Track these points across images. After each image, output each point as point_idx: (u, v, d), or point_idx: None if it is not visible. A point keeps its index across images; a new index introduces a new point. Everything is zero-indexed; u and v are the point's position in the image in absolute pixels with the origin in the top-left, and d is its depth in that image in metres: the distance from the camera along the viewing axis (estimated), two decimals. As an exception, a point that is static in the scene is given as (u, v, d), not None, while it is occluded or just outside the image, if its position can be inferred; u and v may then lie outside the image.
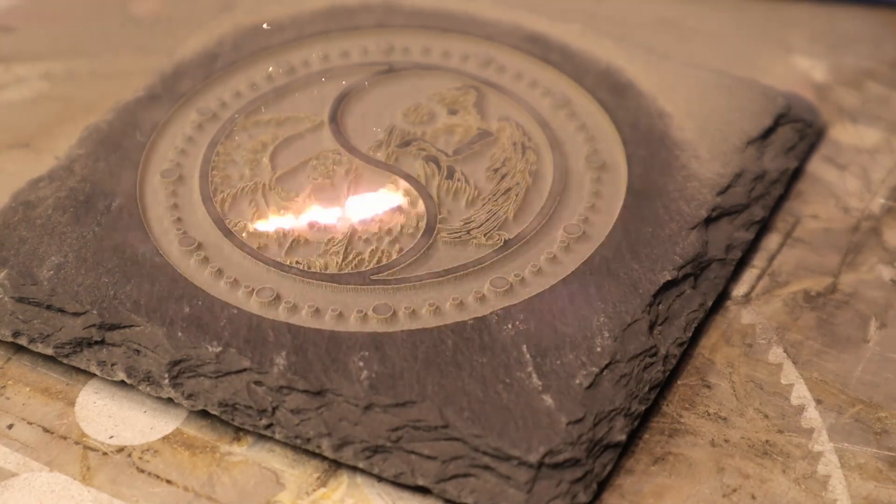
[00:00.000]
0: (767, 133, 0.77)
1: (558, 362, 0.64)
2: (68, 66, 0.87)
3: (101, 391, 0.68)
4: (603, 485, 0.63)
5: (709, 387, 0.68)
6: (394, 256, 0.69)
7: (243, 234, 0.70)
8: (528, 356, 0.64)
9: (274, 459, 0.65)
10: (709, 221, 0.72)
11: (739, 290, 0.72)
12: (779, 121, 0.78)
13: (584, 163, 0.74)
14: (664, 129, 0.76)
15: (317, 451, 0.64)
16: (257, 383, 0.64)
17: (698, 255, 0.70)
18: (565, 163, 0.74)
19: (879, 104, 0.84)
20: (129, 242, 0.69)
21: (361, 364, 0.64)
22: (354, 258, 0.69)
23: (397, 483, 0.63)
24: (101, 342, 0.67)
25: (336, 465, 0.65)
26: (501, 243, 0.70)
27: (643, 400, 0.65)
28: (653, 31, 0.90)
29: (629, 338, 0.66)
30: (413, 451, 0.62)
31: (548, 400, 0.63)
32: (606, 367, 0.64)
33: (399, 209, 0.72)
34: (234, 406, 0.65)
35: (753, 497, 0.63)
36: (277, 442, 0.65)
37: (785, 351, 0.69)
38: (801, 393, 0.67)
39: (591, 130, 0.77)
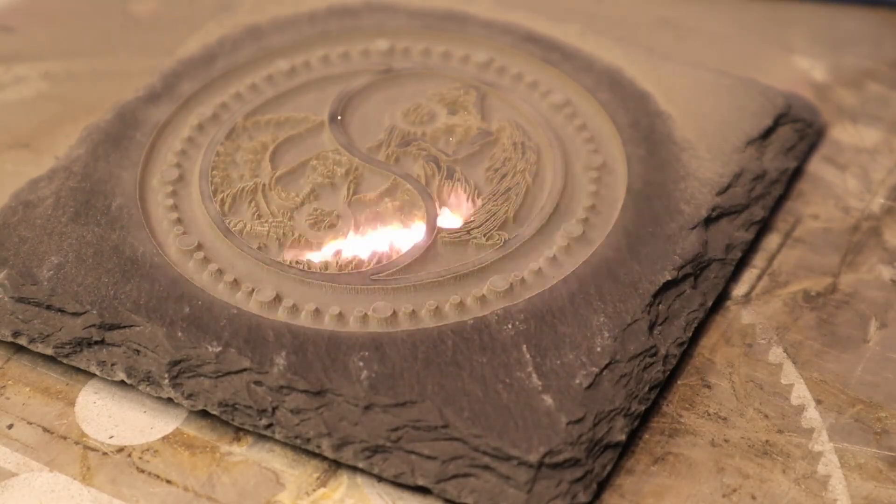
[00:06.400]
0: (767, 133, 0.77)
1: (558, 362, 0.64)
2: (68, 66, 0.87)
3: (101, 391, 0.68)
4: (603, 485, 0.63)
5: (709, 387, 0.68)
6: (394, 257, 0.69)
7: (243, 234, 0.70)
8: (528, 356, 0.64)
9: (274, 459, 0.65)
10: (709, 221, 0.72)
11: (739, 290, 0.72)
12: (779, 121, 0.78)
13: (584, 163, 0.74)
14: (664, 129, 0.76)
15: (317, 451, 0.64)
16: (257, 383, 0.64)
17: (698, 255, 0.70)
18: (565, 163, 0.74)
19: (879, 104, 0.84)
20: (129, 242, 0.69)
21: (361, 364, 0.64)
22: (354, 258, 0.69)
23: (397, 483, 0.63)
24: (101, 342, 0.67)
25: (336, 465, 0.65)
26: (501, 243, 0.70)
27: (643, 400, 0.65)
28: (653, 31, 0.90)
29: (629, 338, 0.66)
30: (413, 451, 0.62)
31: (548, 400, 0.63)
32: (606, 367, 0.64)
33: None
34: (234, 406, 0.65)
35: (753, 497, 0.63)
36: (277, 442, 0.65)
37: (785, 351, 0.69)
38: (801, 393, 0.67)
39: (591, 130, 0.77)
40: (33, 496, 0.63)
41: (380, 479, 0.64)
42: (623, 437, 0.63)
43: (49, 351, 0.68)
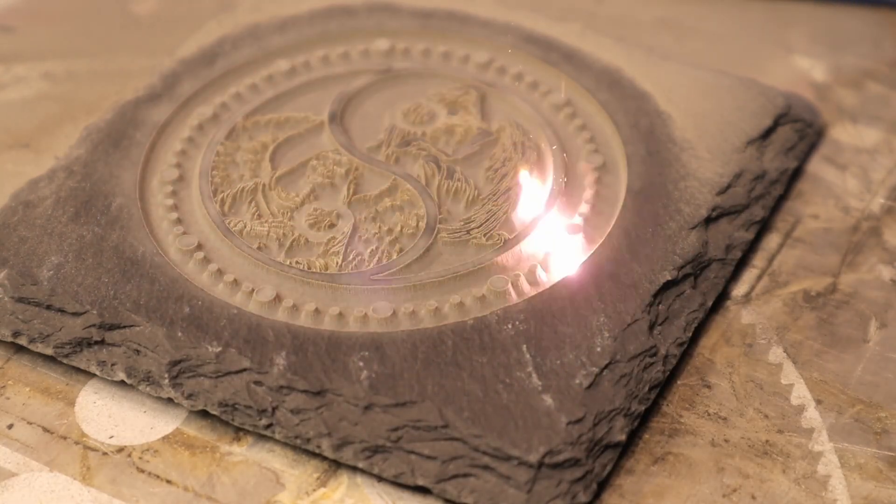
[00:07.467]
0: (767, 133, 0.77)
1: (558, 362, 0.64)
2: (68, 66, 0.87)
3: (101, 391, 0.68)
4: (603, 485, 0.63)
5: (709, 387, 0.68)
6: (394, 256, 0.69)
7: (243, 235, 0.70)
8: (528, 356, 0.64)
9: (274, 459, 0.65)
10: (709, 221, 0.72)
11: (739, 290, 0.72)
12: (779, 121, 0.78)
13: (584, 163, 0.74)
14: (664, 129, 0.76)
15: (317, 451, 0.64)
16: (257, 383, 0.64)
17: (698, 255, 0.70)
18: (565, 163, 0.74)
19: (879, 104, 0.84)
20: (129, 242, 0.69)
21: (361, 364, 0.64)
22: (354, 258, 0.69)
23: (397, 483, 0.63)
24: (101, 342, 0.67)
25: (336, 465, 0.65)
26: (501, 243, 0.70)
27: (643, 400, 0.65)
28: (653, 31, 0.90)
29: (629, 338, 0.66)
30: (413, 451, 0.62)
31: (548, 400, 0.63)
32: (606, 367, 0.64)
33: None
34: (234, 406, 0.65)
35: (753, 497, 0.63)
36: (277, 442, 0.65)
37: (785, 351, 0.69)
38: (801, 393, 0.67)
39: (591, 130, 0.77)
40: (33, 496, 0.63)
41: (380, 479, 0.64)
42: (623, 437, 0.63)
43: (49, 351, 0.68)
